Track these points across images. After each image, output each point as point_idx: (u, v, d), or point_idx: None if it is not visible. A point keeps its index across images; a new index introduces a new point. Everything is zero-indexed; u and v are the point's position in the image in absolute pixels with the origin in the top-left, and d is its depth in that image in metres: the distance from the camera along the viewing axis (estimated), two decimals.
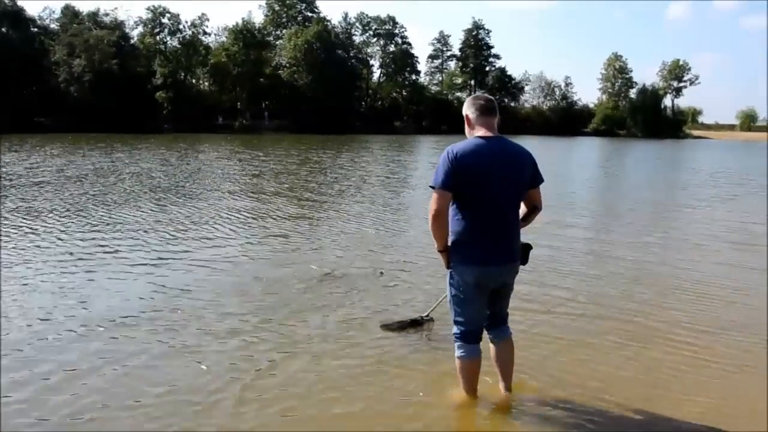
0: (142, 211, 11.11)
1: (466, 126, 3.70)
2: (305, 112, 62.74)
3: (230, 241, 8.81)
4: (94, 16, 61.02)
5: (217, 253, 7.87)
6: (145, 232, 9.25)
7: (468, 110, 3.67)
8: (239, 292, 6.17)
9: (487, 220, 3.56)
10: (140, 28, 64.95)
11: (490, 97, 3.79)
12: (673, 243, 9.67)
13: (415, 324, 5.19)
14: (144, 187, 14.83)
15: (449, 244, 3.64)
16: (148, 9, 64.14)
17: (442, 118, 70.07)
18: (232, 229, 9.76)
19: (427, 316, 5.23)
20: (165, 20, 64.37)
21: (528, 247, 3.81)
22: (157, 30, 64.39)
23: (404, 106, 77.75)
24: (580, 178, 21.72)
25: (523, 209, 3.76)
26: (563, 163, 29.63)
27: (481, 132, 3.59)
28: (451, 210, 3.59)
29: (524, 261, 3.80)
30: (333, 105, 63.92)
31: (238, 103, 66.99)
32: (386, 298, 6.09)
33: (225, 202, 12.74)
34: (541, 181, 3.73)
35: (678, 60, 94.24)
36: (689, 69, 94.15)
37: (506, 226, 3.63)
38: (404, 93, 79.25)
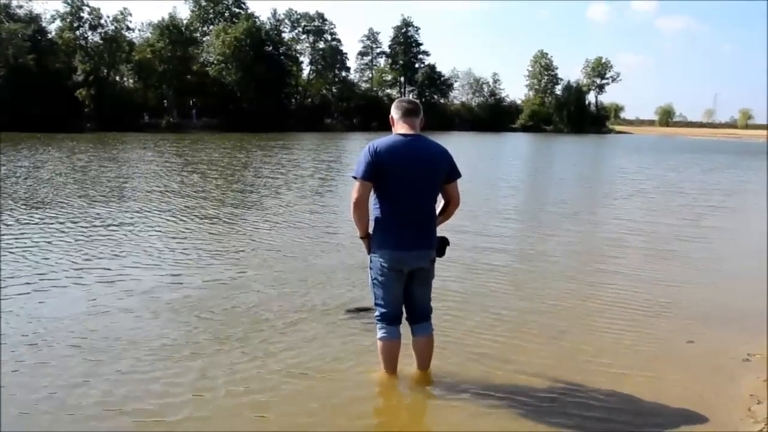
0: None
1: (391, 125, 4.02)
2: (234, 109, 61.66)
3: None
4: (5, 8, 57.78)
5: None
6: None
7: (393, 112, 4.01)
8: None
9: (402, 209, 3.83)
10: (58, 22, 62.06)
11: (415, 101, 4.15)
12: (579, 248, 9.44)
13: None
14: None
15: (370, 231, 3.91)
16: (65, 2, 61.20)
17: (372, 115, 70.07)
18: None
19: None
20: (84, 14, 61.71)
21: (445, 241, 4.04)
22: (76, 24, 61.65)
23: (334, 104, 77.50)
24: (498, 176, 21.46)
25: (442, 203, 4.06)
26: (482, 161, 29.92)
27: (402, 130, 3.89)
28: (372, 200, 3.86)
29: (440, 253, 4.03)
30: (262, 102, 62.99)
31: (165, 101, 65.14)
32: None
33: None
34: (458, 176, 4.01)
35: (600, 58, 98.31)
36: (611, 66, 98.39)
37: (420, 216, 3.89)
38: (334, 90, 78.93)
